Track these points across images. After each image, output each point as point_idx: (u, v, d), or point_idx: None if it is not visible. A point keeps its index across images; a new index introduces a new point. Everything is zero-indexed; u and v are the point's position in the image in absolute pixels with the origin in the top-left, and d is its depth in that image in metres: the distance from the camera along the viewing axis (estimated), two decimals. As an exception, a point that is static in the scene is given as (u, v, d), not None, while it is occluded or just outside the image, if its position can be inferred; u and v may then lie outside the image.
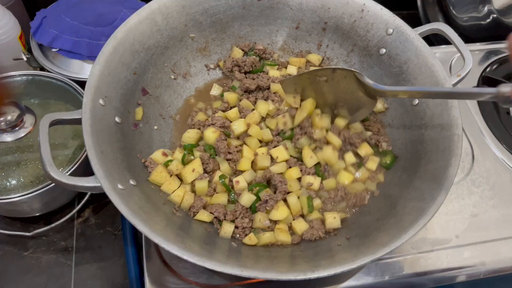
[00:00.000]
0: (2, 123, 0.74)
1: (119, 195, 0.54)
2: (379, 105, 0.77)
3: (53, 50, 0.88)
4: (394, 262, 0.70)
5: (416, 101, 0.71)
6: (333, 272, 0.50)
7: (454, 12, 1.06)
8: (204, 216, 0.64)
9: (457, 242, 0.73)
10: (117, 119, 0.66)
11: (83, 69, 0.90)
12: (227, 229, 0.62)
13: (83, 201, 0.83)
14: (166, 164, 0.68)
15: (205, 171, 0.69)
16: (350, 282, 0.69)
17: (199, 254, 0.52)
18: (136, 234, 0.82)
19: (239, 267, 0.51)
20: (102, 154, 0.58)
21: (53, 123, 0.60)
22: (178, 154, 0.69)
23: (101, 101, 0.63)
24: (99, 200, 0.88)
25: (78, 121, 0.62)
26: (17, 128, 0.76)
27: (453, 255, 0.72)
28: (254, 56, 0.82)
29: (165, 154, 0.69)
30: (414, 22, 0.61)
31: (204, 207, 0.65)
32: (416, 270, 0.70)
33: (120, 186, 0.57)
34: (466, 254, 0.72)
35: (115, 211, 0.86)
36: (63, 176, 0.55)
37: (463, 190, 0.78)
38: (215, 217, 0.65)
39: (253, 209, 0.65)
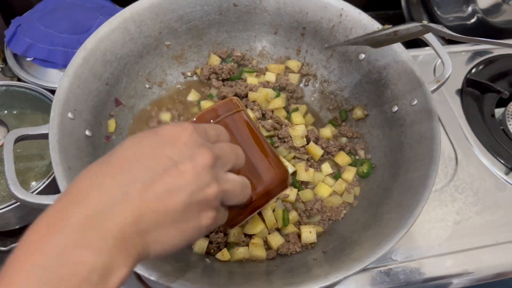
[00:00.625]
0: (-28, 137, 0.72)
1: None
2: (359, 112, 0.76)
3: (28, 59, 0.87)
4: (376, 272, 0.69)
5: (396, 108, 0.70)
6: (305, 290, 0.49)
7: (438, 12, 1.04)
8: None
9: (439, 251, 0.72)
10: (87, 132, 0.64)
11: (59, 79, 0.87)
12: (201, 244, 0.61)
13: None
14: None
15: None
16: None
17: (168, 274, 0.50)
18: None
19: (210, 285, 0.50)
20: (70, 170, 0.56)
21: (19, 139, 0.58)
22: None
23: (70, 115, 0.61)
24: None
25: (45, 136, 0.60)
26: (-12, 142, 0.75)
27: (436, 264, 0.70)
28: (232, 63, 0.80)
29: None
30: (400, 22, 0.60)
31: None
32: (398, 281, 0.69)
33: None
34: (449, 262, 0.71)
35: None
36: (28, 195, 0.54)
37: (446, 196, 0.77)
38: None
39: None
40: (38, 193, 0.64)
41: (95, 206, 0.32)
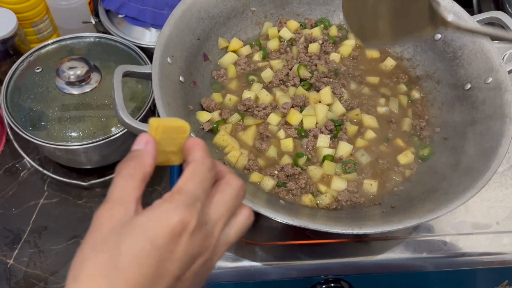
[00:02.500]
0: (72, 76, 0.80)
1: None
2: (416, 95, 0.79)
3: (119, 16, 0.94)
4: (432, 240, 0.72)
5: (469, 85, 0.73)
6: (379, 230, 0.53)
7: (510, 10, 1.05)
8: (257, 177, 0.67)
9: (497, 228, 0.74)
10: (181, 78, 0.70)
11: (144, 36, 0.95)
12: (268, 182, 0.66)
13: (135, 160, 0.88)
14: (218, 123, 0.71)
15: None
16: (387, 254, 0.71)
17: (254, 202, 0.55)
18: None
19: (290, 216, 0.54)
20: (168, 106, 0.62)
21: (126, 74, 0.65)
22: (236, 117, 0.73)
23: (168, 59, 0.67)
24: (150, 160, 0.92)
25: (147, 76, 0.66)
26: (83, 83, 0.82)
27: (493, 240, 0.73)
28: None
29: (221, 115, 0.73)
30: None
31: (260, 170, 0.69)
32: (454, 251, 0.71)
33: (183, 136, 0.61)
34: (506, 240, 0.73)
35: (163, 172, 0.92)
36: (133, 121, 0.60)
37: (507, 180, 0.79)
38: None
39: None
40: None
41: None
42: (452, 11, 0.76)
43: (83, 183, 0.86)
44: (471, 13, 1.04)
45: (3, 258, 0.80)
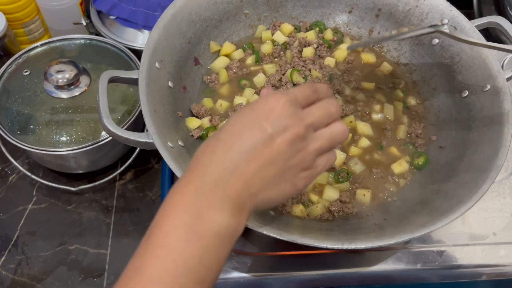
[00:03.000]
0: (60, 80, 0.78)
1: (169, 152, 0.57)
2: (412, 101, 0.77)
3: (111, 17, 0.92)
4: (428, 251, 0.70)
5: (466, 93, 0.71)
6: (370, 245, 0.51)
7: (511, 12, 1.03)
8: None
9: (494, 239, 0.72)
10: (170, 83, 0.68)
11: (136, 38, 0.93)
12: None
13: (125, 165, 0.86)
14: (208, 130, 0.69)
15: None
16: (380, 266, 0.69)
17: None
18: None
19: (278, 230, 0.52)
20: (155, 113, 0.61)
21: (111, 80, 0.63)
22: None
23: (157, 64, 0.66)
24: (141, 165, 0.91)
25: (133, 81, 0.64)
26: (72, 87, 0.80)
27: (489, 252, 0.71)
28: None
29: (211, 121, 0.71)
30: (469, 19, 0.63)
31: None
32: (450, 262, 0.70)
33: (170, 144, 0.59)
34: (503, 252, 0.71)
35: (155, 178, 0.90)
36: (118, 129, 0.58)
37: (505, 189, 0.77)
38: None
39: None
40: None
41: (214, 179, 0.41)
42: (450, 16, 0.73)
43: (73, 188, 0.84)
44: (471, 16, 1.02)
45: (-10, 264, 0.78)
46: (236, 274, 0.65)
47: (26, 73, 0.83)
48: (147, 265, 0.38)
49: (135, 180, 0.89)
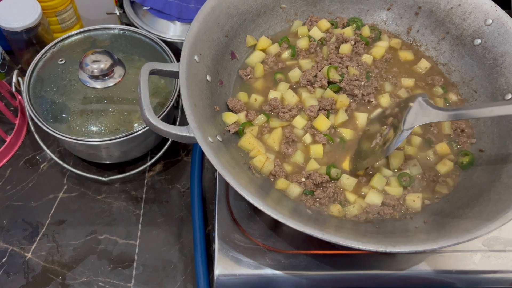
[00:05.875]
0: (96, 70, 0.78)
1: (210, 147, 0.56)
2: (453, 97, 0.76)
3: (144, 8, 0.92)
4: (462, 255, 0.69)
5: (510, 96, 0.69)
6: (414, 249, 0.50)
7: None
8: (283, 184, 0.65)
9: (535, 247, 0.70)
10: (208, 77, 0.67)
11: (169, 30, 0.92)
12: (294, 189, 0.64)
13: (156, 157, 0.86)
14: (244, 125, 0.69)
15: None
16: (413, 268, 0.68)
17: (279, 211, 0.53)
18: (202, 193, 0.85)
19: (320, 230, 0.52)
20: (195, 106, 0.60)
21: (152, 72, 0.62)
22: (262, 118, 0.71)
23: (196, 58, 0.65)
24: (171, 157, 0.91)
25: (173, 74, 0.64)
26: (107, 77, 0.80)
27: (526, 259, 0.69)
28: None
29: (247, 116, 0.71)
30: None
31: (286, 177, 0.66)
32: (485, 268, 0.68)
33: (210, 139, 0.59)
34: (543, 259, 0.69)
35: (184, 170, 0.90)
36: (159, 122, 0.58)
37: (543, 194, 0.75)
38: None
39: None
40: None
41: None
42: (494, 16, 0.72)
43: (103, 178, 0.85)
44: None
45: (21, 251, 0.79)
46: (269, 271, 0.65)
47: (61, 62, 0.83)
48: None
49: (164, 172, 0.89)
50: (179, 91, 0.81)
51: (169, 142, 0.86)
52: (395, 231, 0.59)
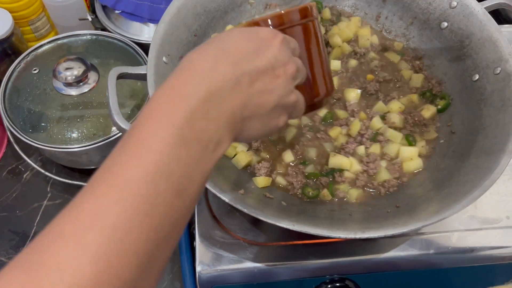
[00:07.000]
0: (69, 77, 0.79)
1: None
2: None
3: (116, 12, 0.92)
4: (440, 237, 0.70)
5: (477, 76, 0.70)
6: (383, 234, 0.51)
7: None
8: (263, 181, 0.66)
9: (507, 223, 0.71)
10: (177, 77, 0.68)
11: (142, 32, 0.93)
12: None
13: (137, 158, 0.87)
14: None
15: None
16: (394, 252, 0.69)
17: (255, 208, 0.54)
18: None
19: (290, 221, 0.53)
20: (164, 108, 0.61)
21: (120, 76, 0.63)
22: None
23: (164, 59, 0.65)
24: (152, 158, 0.92)
25: (142, 77, 0.65)
26: (81, 84, 0.81)
27: (503, 235, 0.70)
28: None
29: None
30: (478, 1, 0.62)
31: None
32: (463, 247, 0.69)
33: (180, 139, 0.59)
34: (517, 235, 0.71)
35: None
36: (128, 125, 0.58)
37: (517, 172, 0.76)
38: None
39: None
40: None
41: (215, 87, 0.36)
42: (458, -3, 0.72)
43: (85, 184, 0.85)
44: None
45: (9, 261, 0.80)
46: (249, 264, 0.66)
47: (35, 71, 0.83)
48: (123, 164, 0.33)
49: (147, 173, 0.90)
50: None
51: (148, 143, 0.87)
52: (367, 217, 0.60)
